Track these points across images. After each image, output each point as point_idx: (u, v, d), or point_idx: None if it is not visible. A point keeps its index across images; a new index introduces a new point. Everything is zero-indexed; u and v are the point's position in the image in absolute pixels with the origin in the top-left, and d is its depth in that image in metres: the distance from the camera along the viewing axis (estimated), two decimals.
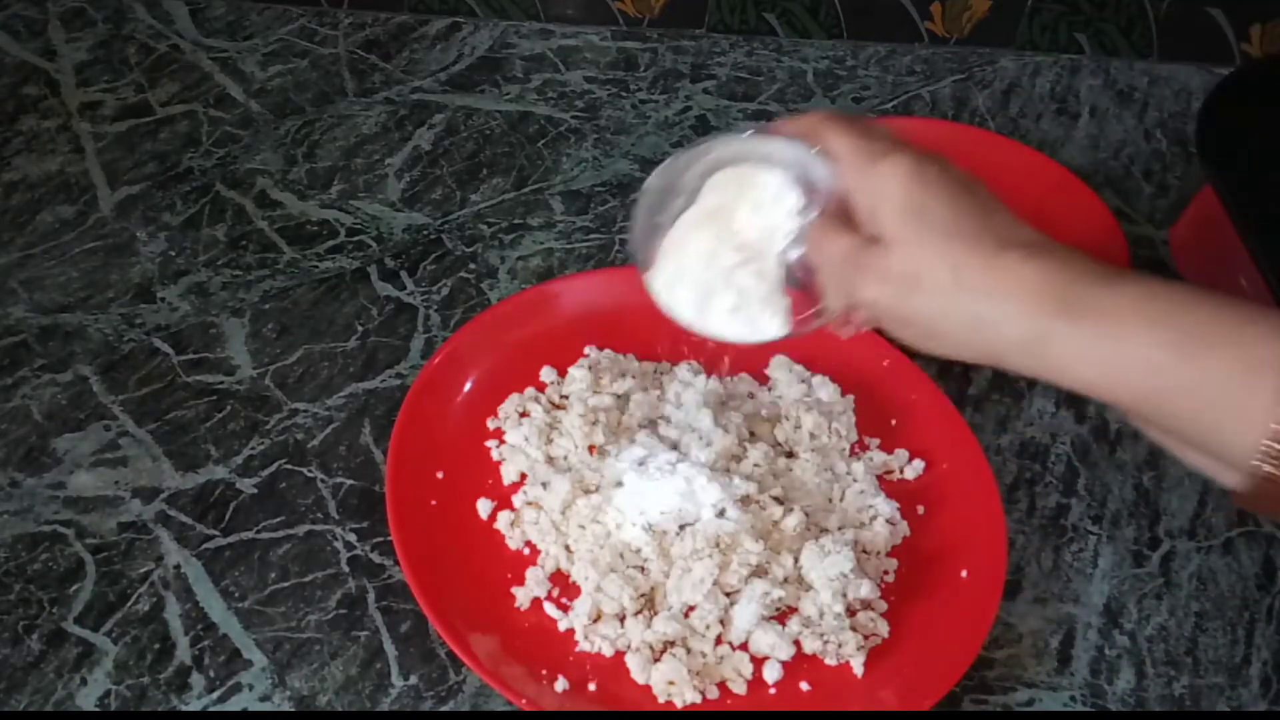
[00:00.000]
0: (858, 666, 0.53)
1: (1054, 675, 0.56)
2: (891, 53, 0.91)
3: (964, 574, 0.56)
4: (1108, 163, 0.84)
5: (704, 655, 0.53)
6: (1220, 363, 0.41)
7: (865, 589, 0.55)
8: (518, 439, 0.60)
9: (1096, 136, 0.86)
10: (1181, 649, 0.57)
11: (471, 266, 0.72)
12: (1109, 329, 0.42)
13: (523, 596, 0.55)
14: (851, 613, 0.55)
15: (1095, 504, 0.63)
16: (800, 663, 0.53)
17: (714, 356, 0.64)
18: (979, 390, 0.68)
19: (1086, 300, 0.43)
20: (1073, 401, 0.68)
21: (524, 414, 0.62)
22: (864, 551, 0.58)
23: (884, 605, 0.56)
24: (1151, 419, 0.44)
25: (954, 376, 0.68)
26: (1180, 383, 0.41)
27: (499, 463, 0.60)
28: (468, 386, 0.62)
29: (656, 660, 0.52)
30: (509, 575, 0.56)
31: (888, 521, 0.58)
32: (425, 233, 0.74)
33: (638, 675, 0.52)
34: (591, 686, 0.52)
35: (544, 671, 0.52)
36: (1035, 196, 0.79)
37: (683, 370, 0.64)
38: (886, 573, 0.57)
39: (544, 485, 0.58)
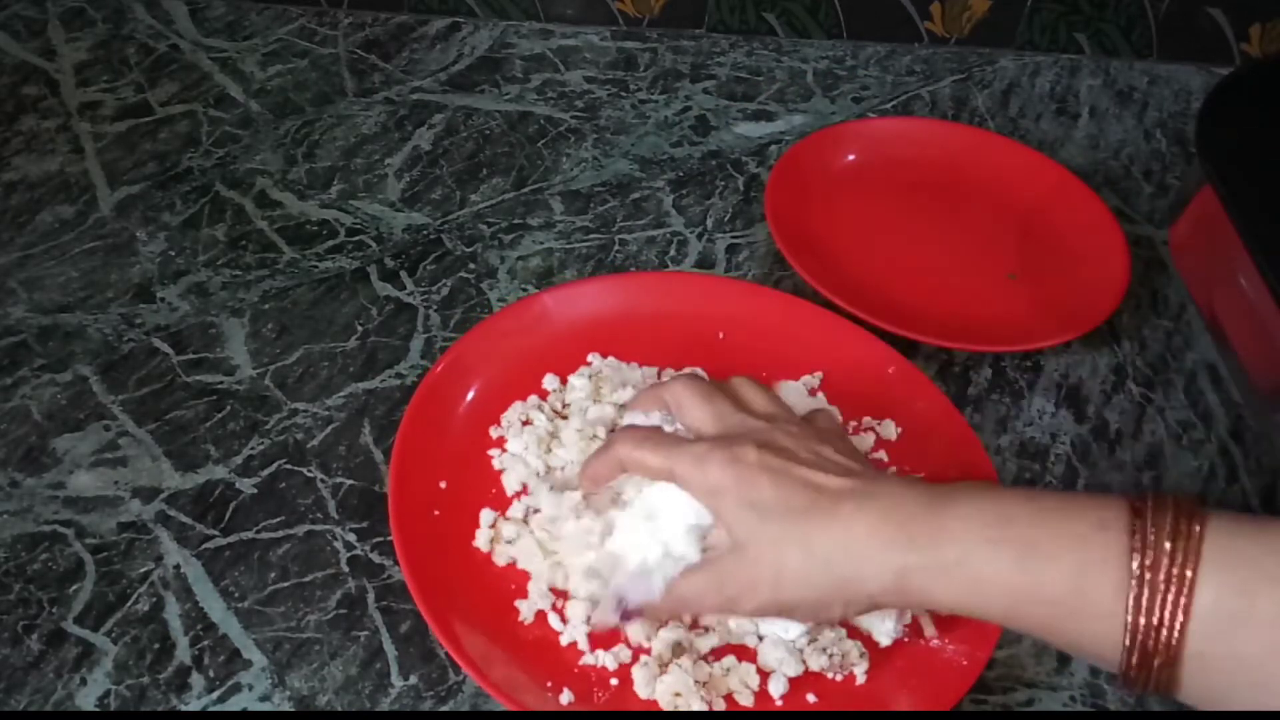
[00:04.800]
0: (860, 675, 0.53)
1: (1054, 675, 0.56)
2: (891, 53, 0.91)
3: None
4: (1107, 163, 0.84)
5: (709, 667, 0.53)
6: (1062, 570, 0.42)
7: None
8: (518, 448, 0.59)
9: (1096, 136, 0.86)
10: None
11: (471, 266, 0.72)
12: (954, 557, 0.44)
13: (526, 610, 0.54)
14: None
15: None
16: (806, 675, 0.53)
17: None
18: (979, 390, 0.68)
19: (927, 535, 0.45)
20: (1073, 401, 0.68)
21: (526, 422, 0.61)
22: None
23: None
24: (1022, 632, 0.46)
25: (954, 377, 0.68)
26: (1032, 596, 0.43)
27: (501, 472, 0.60)
28: (471, 394, 0.62)
29: (662, 673, 0.52)
30: (513, 587, 0.55)
31: None
32: (425, 233, 0.74)
33: (642, 689, 0.52)
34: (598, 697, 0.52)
35: (549, 684, 0.51)
36: (1035, 196, 0.79)
37: None
38: None
39: (541, 497, 0.57)
